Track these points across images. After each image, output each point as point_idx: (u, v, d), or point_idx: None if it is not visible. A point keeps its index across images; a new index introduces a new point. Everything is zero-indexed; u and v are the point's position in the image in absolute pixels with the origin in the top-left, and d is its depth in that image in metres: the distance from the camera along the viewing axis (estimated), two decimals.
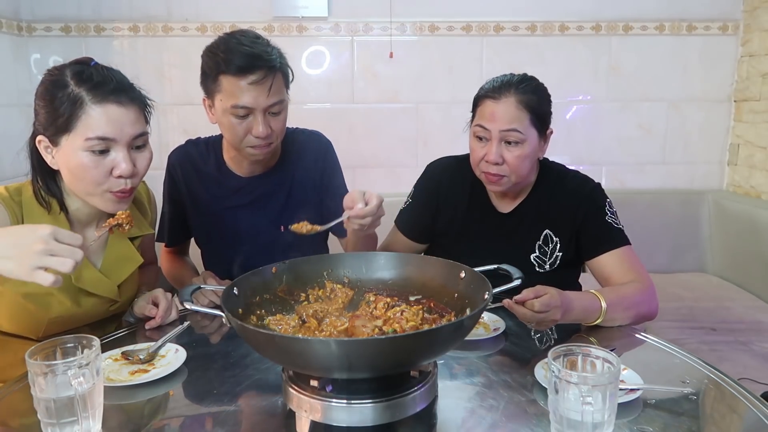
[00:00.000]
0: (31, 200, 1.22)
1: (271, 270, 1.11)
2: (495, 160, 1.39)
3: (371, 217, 1.26)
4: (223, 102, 1.41)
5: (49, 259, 0.91)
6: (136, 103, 1.18)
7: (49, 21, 2.53)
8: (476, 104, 1.46)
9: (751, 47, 2.66)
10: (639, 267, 1.40)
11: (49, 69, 1.19)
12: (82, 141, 1.12)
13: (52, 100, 1.13)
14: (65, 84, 1.13)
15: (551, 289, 1.18)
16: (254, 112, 1.40)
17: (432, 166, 1.66)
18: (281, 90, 1.44)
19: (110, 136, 1.13)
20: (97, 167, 1.14)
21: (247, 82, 1.37)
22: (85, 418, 0.82)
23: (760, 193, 2.64)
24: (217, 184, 1.61)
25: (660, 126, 2.81)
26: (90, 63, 1.19)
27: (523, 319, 1.17)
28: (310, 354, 0.80)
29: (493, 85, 1.42)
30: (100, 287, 1.28)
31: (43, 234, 0.91)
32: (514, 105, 1.38)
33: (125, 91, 1.17)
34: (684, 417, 0.92)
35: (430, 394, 0.92)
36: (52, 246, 0.91)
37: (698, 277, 2.66)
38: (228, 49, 1.38)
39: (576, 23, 2.68)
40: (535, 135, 1.40)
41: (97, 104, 1.12)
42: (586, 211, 1.45)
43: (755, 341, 2.01)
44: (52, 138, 1.15)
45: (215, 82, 1.41)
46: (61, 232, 0.94)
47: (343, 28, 2.63)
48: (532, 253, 1.49)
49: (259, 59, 1.37)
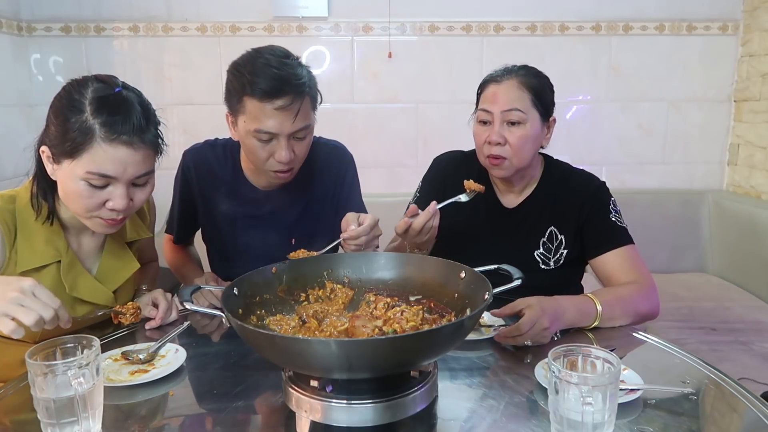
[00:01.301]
0: (26, 208, 1.20)
1: (271, 270, 1.11)
2: (497, 140, 1.39)
3: (365, 237, 1.26)
4: (247, 124, 1.34)
5: (17, 309, 0.94)
6: (148, 145, 1.14)
7: (49, 21, 2.53)
8: (480, 91, 1.48)
9: (751, 47, 2.66)
10: (641, 266, 1.40)
11: (72, 81, 1.14)
12: (82, 171, 1.09)
13: (65, 122, 1.09)
14: (82, 109, 1.09)
15: (528, 299, 1.19)
16: (278, 137, 1.34)
17: (438, 160, 1.68)
18: (308, 115, 1.37)
19: (111, 174, 1.10)
20: (91, 197, 1.12)
21: (273, 107, 1.29)
22: (85, 418, 0.82)
23: (760, 193, 2.64)
24: (232, 192, 1.55)
25: (660, 126, 2.81)
26: (115, 89, 1.13)
27: (519, 342, 1.16)
28: (310, 354, 0.80)
29: (495, 72, 1.46)
30: (96, 295, 1.27)
31: (24, 285, 0.95)
32: (515, 86, 1.40)
33: (140, 132, 1.11)
34: (684, 417, 0.92)
35: (430, 395, 0.92)
36: (26, 298, 0.94)
37: (698, 277, 2.67)
38: (254, 70, 1.30)
39: (576, 23, 2.68)
40: (536, 117, 1.41)
41: (107, 143, 1.08)
42: (591, 209, 1.46)
43: (755, 341, 2.01)
44: (55, 155, 1.13)
45: (239, 103, 1.33)
46: (41, 290, 0.97)
47: (343, 28, 2.63)
48: (536, 250, 1.49)
49: (287, 83, 1.29)
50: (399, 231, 1.31)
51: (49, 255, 1.20)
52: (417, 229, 1.29)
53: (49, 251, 1.20)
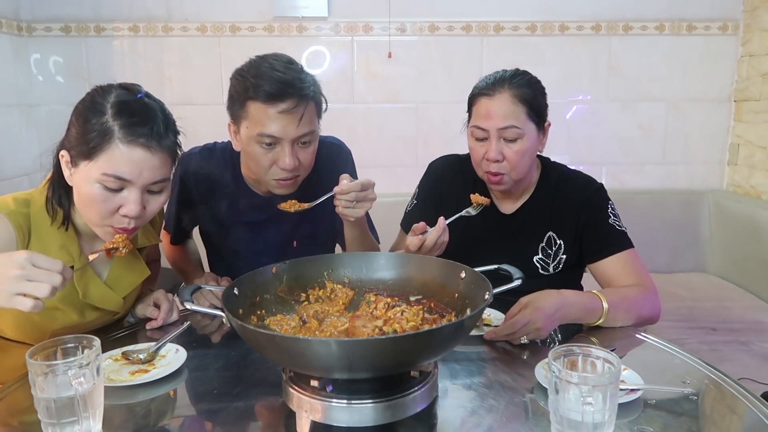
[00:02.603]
0: (40, 211, 1.19)
1: (272, 270, 1.11)
2: (495, 157, 1.37)
3: (355, 193, 1.28)
4: (250, 129, 1.32)
5: (26, 285, 0.91)
6: (165, 150, 1.14)
7: (49, 21, 2.53)
8: (471, 104, 1.45)
9: (751, 47, 2.66)
10: (641, 270, 1.39)
11: (96, 87, 1.15)
12: (98, 173, 1.09)
13: (85, 123, 1.10)
14: (102, 111, 1.10)
15: (530, 297, 1.20)
16: (281, 142, 1.32)
17: (434, 164, 1.66)
18: (312, 120, 1.35)
19: (127, 177, 1.10)
20: (105, 202, 1.11)
21: (277, 111, 1.29)
22: (86, 418, 0.82)
23: (760, 193, 2.64)
24: (233, 198, 1.53)
25: (660, 126, 2.81)
26: (137, 95, 1.14)
27: (515, 338, 1.17)
28: (311, 354, 0.80)
29: (486, 83, 1.41)
30: (107, 301, 1.27)
31: (19, 259, 0.91)
32: (509, 100, 1.36)
33: (158, 137, 1.12)
34: (684, 417, 0.92)
35: (431, 395, 0.92)
36: (28, 271, 0.91)
37: (698, 277, 2.67)
38: (258, 74, 1.29)
39: (576, 23, 2.68)
40: (533, 129, 1.39)
41: (125, 144, 1.09)
42: (589, 214, 1.44)
43: (755, 341, 2.01)
44: (73, 158, 1.13)
45: (242, 108, 1.32)
46: (38, 257, 0.93)
47: (343, 28, 2.63)
48: (535, 255, 1.49)
49: (291, 86, 1.29)
50: (413, 249, 1.30)
51: (62, 260, 1.20)
52: (429, 246, 1.29)
53: (62, 256, 1.19)
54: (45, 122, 2.54)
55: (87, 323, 1.27)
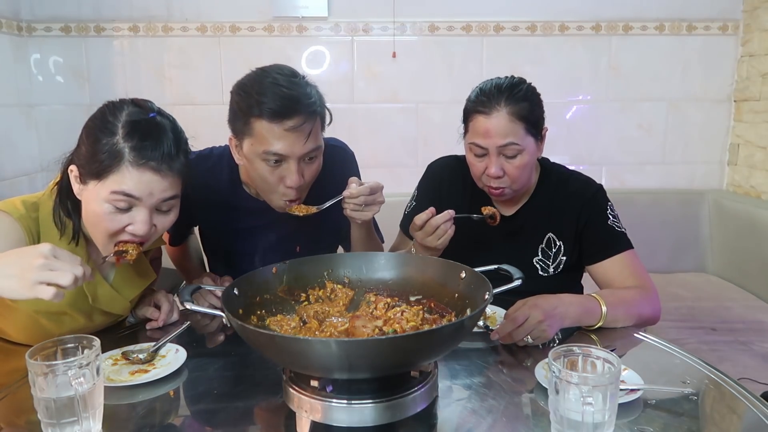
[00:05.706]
0: (48, 217, 1.19)
1: (272, 270, 1.11)
2: (496, 173, 1.36)
3: (364, 197, 1.28)
4: (254, 147, 1.28)
5: (49, 273, 0.91)
6: (176, 173, 1.13)
7: (49, 21, 2.53)
8: (467, 118, 1.43)
9: (751, 47, 2.66)
10: (641, 271, 1.39)
11: (108, 103, 1.15)
12: (107, 193, 1.08)
13: (96, 142, 1.09)
14: (114, 132, 1.09)
15: (528, 299, 1.20)
16: (288, 160, 1.28)
17: (433, 166, 1.66)
18: (318, 136, 1.32)
19: (136, 195, 1.09)
20: (113, 221, 1.11)
21: (284, 128, 1.24)
22: (86, 418, 0.82)
23: (760, 193, 2.64)
24: (232, 205, 1.51)
25: (660, 126, 2.81)
26: (149, 114, 1.13)
27: (519, 339, 1.17)
28: (311, 354, 0.80)
29: (481, 98, 1.37)
30: (115, 305, 1.27)
31: (44, 250, 0.92)
32: (506, 119, 1.33)
33: (168, 160, 1.11)
34: (684, 417, 0.92)
35: (431, 395, 0.92)
36: (51, 261, 0.92)
37: (698, 277, 2.67)
38: (262, 90, 1.25)
39: (576, 23, 2.68)
40: (531, 142, 1.38)
41: (135, 167, 1.08)
42: (589, 215, 1.44)
43: (755, 341, 2.01)
44: (82, 175, 1.12)
45: (246, 125, 1.27)
46: (61, 251, 0.94)
47: (343, 28, 2.63)
48: (534, 257, 1.48)
49: (297, 103, 1.24)
50: (419, 222, 1.31)
51: None
52: (435, 225, 1.29)
53: None
54: (45, 122, 2.54)
55: (93, 326, 1.27)
